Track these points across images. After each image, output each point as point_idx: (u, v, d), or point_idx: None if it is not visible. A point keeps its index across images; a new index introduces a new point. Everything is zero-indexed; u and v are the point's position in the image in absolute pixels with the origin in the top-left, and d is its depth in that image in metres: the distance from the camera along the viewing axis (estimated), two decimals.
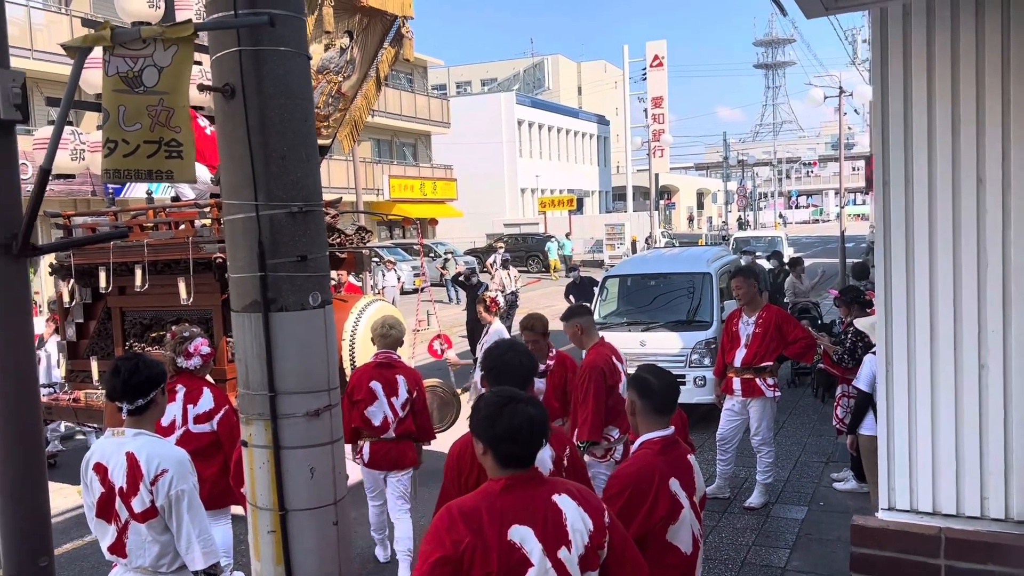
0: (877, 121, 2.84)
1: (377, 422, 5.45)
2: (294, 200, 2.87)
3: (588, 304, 7.80)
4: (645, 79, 46.64)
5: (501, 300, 8.33)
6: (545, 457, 3.35)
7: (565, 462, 3.46)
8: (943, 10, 2.70)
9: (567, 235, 36.01)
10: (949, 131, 2.79)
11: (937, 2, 2.69)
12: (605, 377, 5.25)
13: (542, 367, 5.60)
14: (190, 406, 5.02)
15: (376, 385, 5.44)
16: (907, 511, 2.91)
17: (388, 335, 5.64)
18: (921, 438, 2.89)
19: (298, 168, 2.89)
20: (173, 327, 5.32)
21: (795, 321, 7.09)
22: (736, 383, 6.74)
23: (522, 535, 2.32)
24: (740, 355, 6.72)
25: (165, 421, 5.04)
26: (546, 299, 23.25)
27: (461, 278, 13.98)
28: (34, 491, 2.24)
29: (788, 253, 21.34)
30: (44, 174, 2.08)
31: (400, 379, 5.49)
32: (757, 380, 6.66)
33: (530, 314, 5.94)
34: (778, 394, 6.79)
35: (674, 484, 3.05)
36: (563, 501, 2.39)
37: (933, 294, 2.86)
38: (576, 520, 2.38)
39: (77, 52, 2.00)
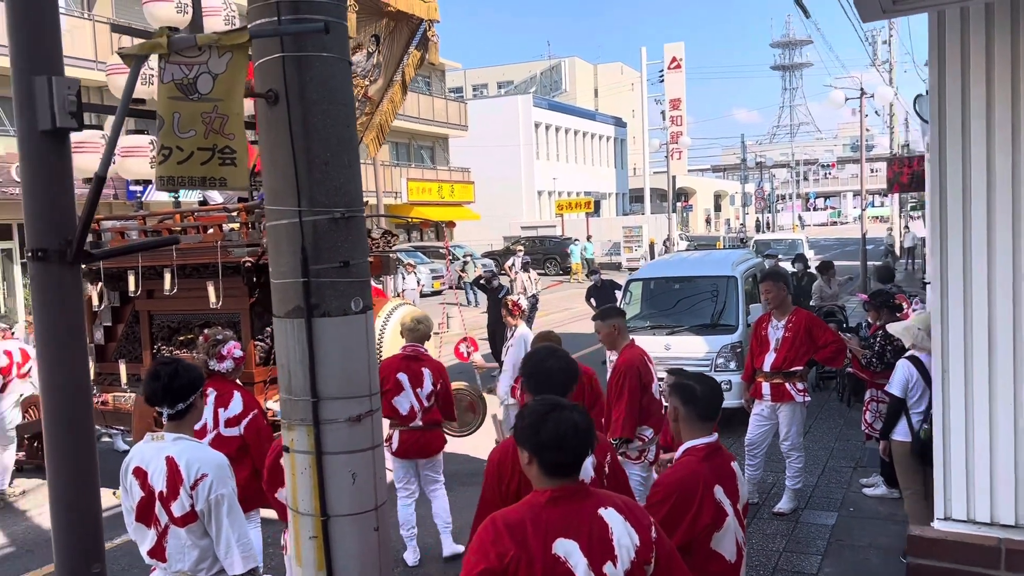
0: (935, 128, 2.80)
1: (404, 411, 5.72)
2: (336, 206, 2.86)
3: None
4: (663, 81, 46.51)
5: (524, 303, 8.32)
6: (587, 464, 3.33)
7: (606, 469, 3.44)
8: (1003, 14, 2.65)
9: (588, 238, 35.89)
10: (1009, 137, 2.74)
11: (997, 5, 2.65)
12: (640, 376, 5.29)
13: None
14: (221, 409, 5.03)
15: (403, 376, 5.72)
16: (964, 521, 2.86)
17: (416, 329, 5.94)
18: (979, 447, 2.84)
19: (340, 174, 2.88)
20: (205, 330, 5.34)
21: (825, 325, 7.00)
22: (765, 388, 6.68)
23: (567, 549, 2.30)
24: (769, 360, 6.67)
25: (197, 425, 5.06)
26: (565, 301, 23.22)
27: (482, 281, 14.00)
28: (86, 496, 2.25)
29: (809, 256, 21.18)
30: (99, 181, 2.09)
31: (425, 371, 5.79)
32: (787, 385, 6.60)
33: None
34: (808, 399, 6.73)
35: (719, 491, 3.02)
36: (609, 515, 2.37)
37: (991, 301, 2.81)
38: (623, 535, 2.36)
39: (133, 60, 2.01)
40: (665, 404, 4.87)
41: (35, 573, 6.23)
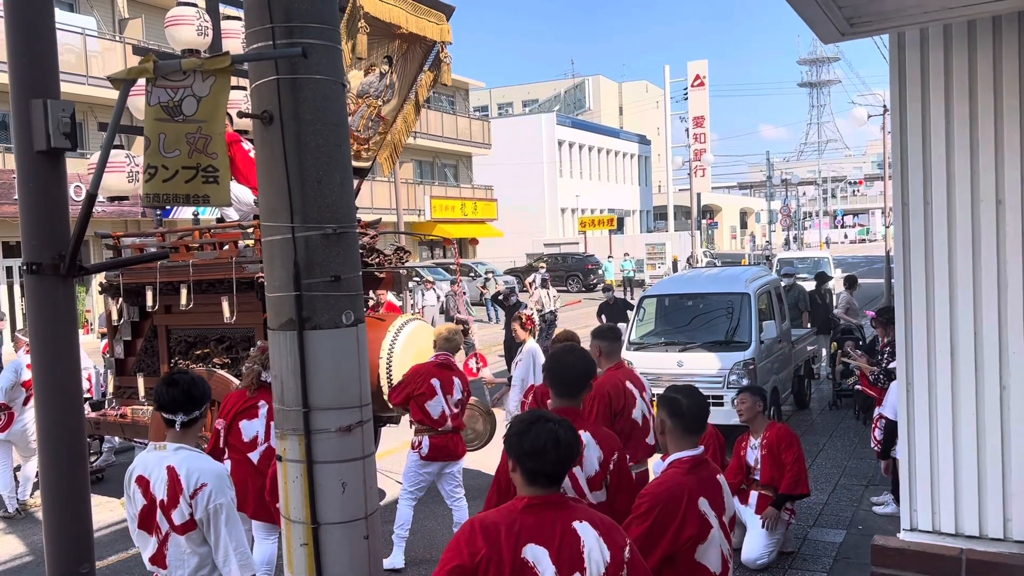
0: (896, 143, 2.85)
1: (436, 416, 6.00)
2: (329, 222, 2.95)
3: (617, 326, 7.27)
4: (687, 99, 46.59)
5: (536, 319, 8.37)
6: (593, 457, 3.51)
7: (612, 466, 3.55)
8: (960, 34, 2.70)
9: (625, 255, 35.60)
10: (968, 152, 2.79)
11: (954, 26, 2.70)
12: (611, 401, 5.03)
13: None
14: (273, 423, 5.08)
15: (436, 382, 6.02)
16: (929, 532, 2.88)
17: (452, 339, 6.32)
18: (943, 459, 2.87)
19: (333, 192, 2.97)
20: (259, 342, 5.44)
21: (789, 444, 6.12)
22: (753, 497, 6.18)
23: (536, 554, 2.38)
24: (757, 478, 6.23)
25: (247, 437, 5.17)
26: (586, 319, 23.19)
27: (500, 298, 14.11)
28: (77, 500, 2.35)
29: (836, 275, 20.68)
30: (90, 199, 2.20)
31: (456, 380, 6.15)
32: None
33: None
34: (794, 520, 6.25)
35: (703, 504, 3.06)
36: (583, 529, 2.44)
37: (953, 315, 2.85)
38: (594, 549, 2.42)
39: (122, 83, 2.13)
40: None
41: None
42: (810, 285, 14.26)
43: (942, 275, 2.85)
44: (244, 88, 6.32)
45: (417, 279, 19.81)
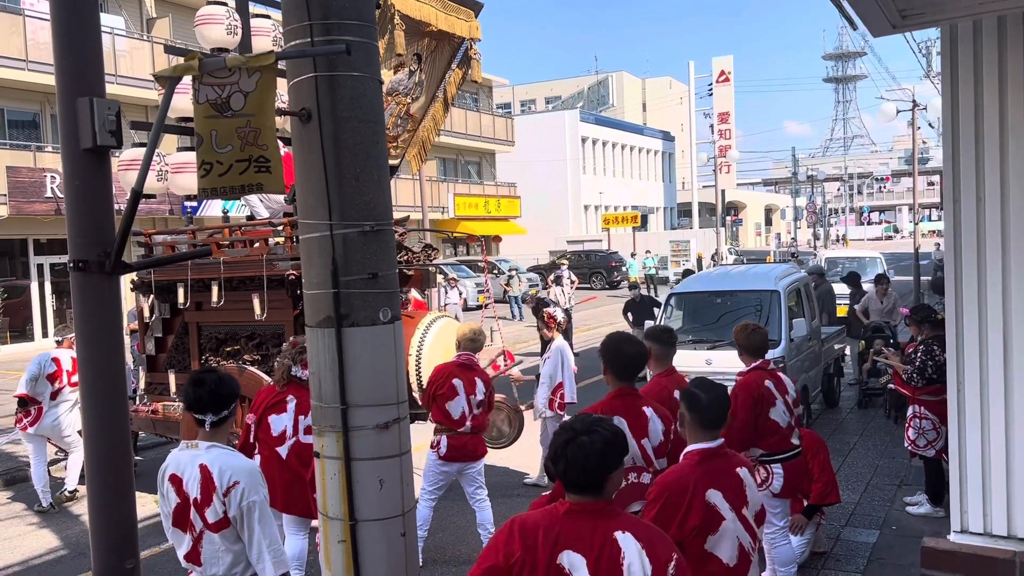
0: (947, 139, 2.79)
1: (456, 416, 5.95)
2: (366, 220, 2.95)
3: (671, 328, 6.62)
4: (711, 95, 46.33)
5: (560, 316, 8.32)
6: (657, 429, 3.86)
7: (672, 435, 3.90)
8: (1015, 27, 2.63)
9: (647, 252, 35.45)
10: (1023, 147, 2.72)
11: (1009, 18, 2.63)
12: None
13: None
14: (301, 417, 5.08)
15: (458, 382, 5.98)
16: (980, 534, 2.83)
17: (476, 339, 6.28)
18: (995, 460, 2.80)
19: (370, 189, 2.97)
20: (292, 337, 5.44)
21: (815, 451, 5.86)
22: None
23: (572, 561, 2.35)
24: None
25: (275, 431, 5.17)
26: (609, 316, 23.12)
27: (535, 303, 14.10)
28: (122, 495, 2.36)
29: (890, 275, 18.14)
30: (136, 196, 2.21)
31: (478, 380, 6.09)
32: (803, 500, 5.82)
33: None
34: (824, 520, 6.13)
35: (713, 495, 3.08)
36: (625, 540, 2.38)
37: (1006, 312, 2.78)
38: (635, 562, 2.36)
39: (168, 81, 2.13)
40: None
41: (89, 575, 6.43)
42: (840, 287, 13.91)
43: (995, 271, 2.78)
44: None
45: (442, 275, 19.83)
